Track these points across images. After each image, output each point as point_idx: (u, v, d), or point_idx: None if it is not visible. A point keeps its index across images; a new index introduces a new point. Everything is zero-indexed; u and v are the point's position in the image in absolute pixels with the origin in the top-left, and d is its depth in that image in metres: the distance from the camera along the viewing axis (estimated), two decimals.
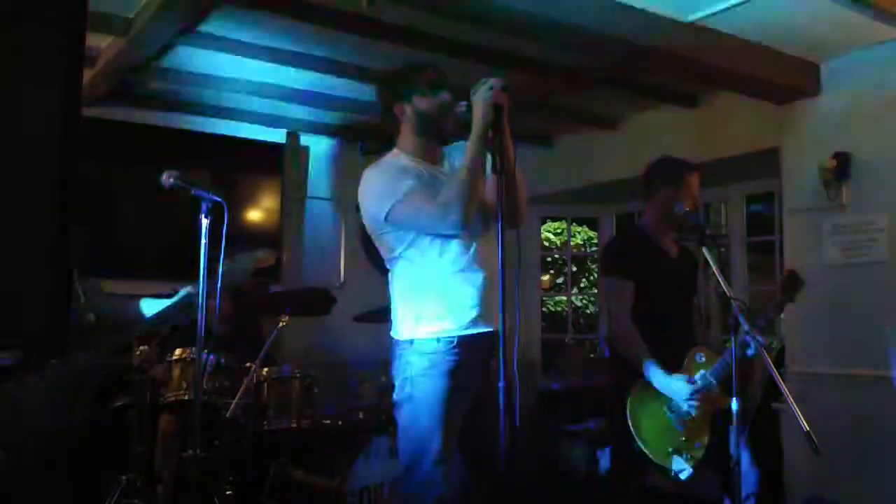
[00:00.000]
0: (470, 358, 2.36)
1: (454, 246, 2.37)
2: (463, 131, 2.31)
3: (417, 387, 2.35)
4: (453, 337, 2.35)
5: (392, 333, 2.48)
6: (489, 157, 2.29)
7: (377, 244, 2.50)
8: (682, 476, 2.88)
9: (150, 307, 2.66)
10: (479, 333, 2.36)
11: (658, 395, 2.94)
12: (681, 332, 3.12)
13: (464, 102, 2.30)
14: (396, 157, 2.48)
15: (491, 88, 2.21)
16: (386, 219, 2.35)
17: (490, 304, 2.38)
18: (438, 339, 2.35)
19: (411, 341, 2.39)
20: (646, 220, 3.28)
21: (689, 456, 2.90)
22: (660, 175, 3.22)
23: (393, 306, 2.49)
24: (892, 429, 3.71)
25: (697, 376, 2.97)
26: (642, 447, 2.90)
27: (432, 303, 2.38)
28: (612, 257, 3.28)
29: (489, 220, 2.37)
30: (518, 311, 2.06)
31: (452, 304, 2.36)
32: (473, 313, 2.36)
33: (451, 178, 2.30)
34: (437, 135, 2.46)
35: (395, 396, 2.45)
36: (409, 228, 2.37)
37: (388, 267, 2.51)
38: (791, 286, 3.10)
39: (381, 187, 2.38)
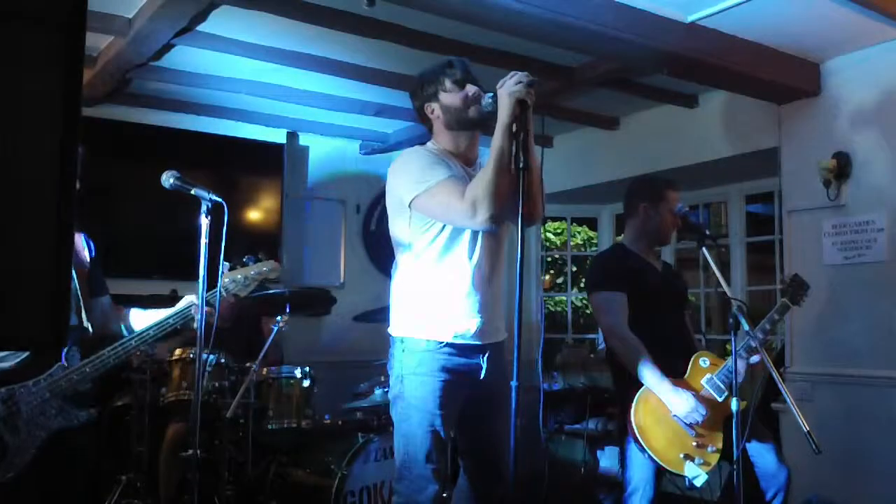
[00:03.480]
0: (462, 357, 2.38)
1: (463, 247, 2.38)
2: (486, 121, 2.31)
3: (408, 385, 2.37)
4: (444, 340, 2.36)
5: (388, 329, 2.49)
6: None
7: (391, 227, 2.50)
8: (698, 483, 2.82)
9: (141, 320, 2.66)
10: (471, 344, 2.38)
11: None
12: (676, 342, 3.11)
13: (490, 94, 2.30)
14: (431, 149, 2.49)
15: (518, 83, 2.21)
16: (410, 204, 2.35)
17: (489, 314, 2.39)
18: (429, 340, 2.36)
19: (403, 339, 2.40)
20: (627, 238, 3.29)
21: (702, 461, 2.86)
22: (637, 192, 3.25)
23: (392, 300, 2.51)
24: (891, 429, 3.71)
25: (704, 380, 2.96)
26: (652, 454, 2.87)
27: (429, 306, 2.39)
28: (599, 272, 3.27)
29: (507, 217, 2.38)
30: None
31: (448, 312, 2.37)
32: (468, 323, 2.37)
33: (480, 174, 2.29)
34: (464, 126, 2.47)
35: (388, 395, 2.47)
36: (433, 218, 2.36)
37: (395, 256, 2.52)
38: (795, 290, 3.07)
39: (415, 170, 2.38)
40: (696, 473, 2.83)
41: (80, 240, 2.67)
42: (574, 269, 9.46)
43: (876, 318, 3.83)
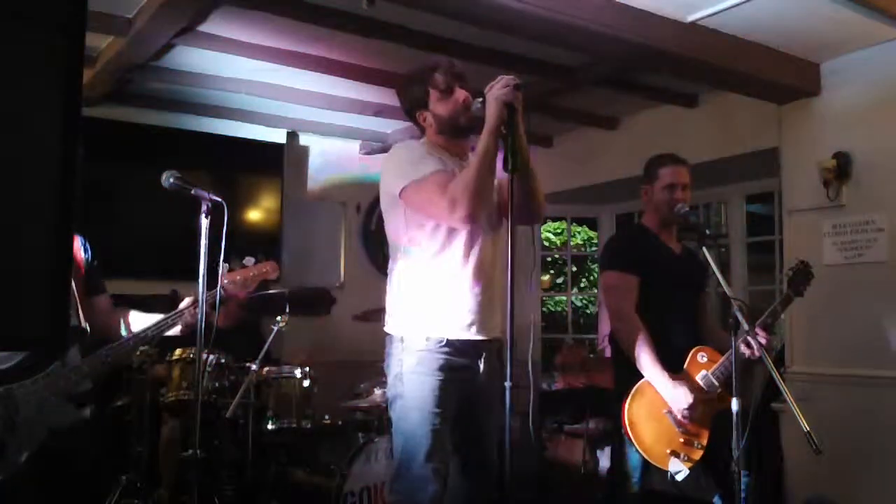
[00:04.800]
0: (460, 357, 2.38)
1: (460, 245, 2.38)
2: (479, 126, 2.32)
3: (407, 384, 2.37)
4: (443, 338, 2.37)
5: (385, 327, 2.49)
6: (502, 155, 2.30)
7: (386, 223, 2.51)
8: (679, 477, 2.87)
9: (139, 322, 2.67)
10: (469, 340, 2.39)
11: (658, 395, 2.92)
12: (683, 330, 3.08)
13: (479, 99, 2.32)
14: (424, 144, 2.51)
15: (506, 86, 2.22)
16: (399, 196, 2.37)
17: (487, 311, 2.40)
18: (428, 338, 2.37)
19: (402, 338, 2.41)
20: (644, 219, 3.27)
21: (686, 457, 2.89)
22: (645, 173, 3.21)
23: (388, 298, 2.51)
24: (892, 429, 3.71)
25: (699, 376, 2.96)
26: (639, 448, 2.89)
27: (427, 304, 2.40)
28: (614, 252, 3.24)
29: (505, 217, 2.38)
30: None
31: (446, 309, 2.38)
32: (467, 320, 2.38)
33: (462, 173, 2.32)
34: (457, 134, 2.50)
35: (387, 394, 2.47)
36: (418, 212, 2.38)
37: (390, 255, 2.52)
38: (800, 279, 3.05)
39: (402, 164, 2.40)
40: (678, 469, 2.86)
41: (77, 240, 2.67)
42: (574, 269, 9.48)
43: (876, 318, 3.83)
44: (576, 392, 5.29)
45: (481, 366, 2.42)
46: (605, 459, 4.88)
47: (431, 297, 2.39)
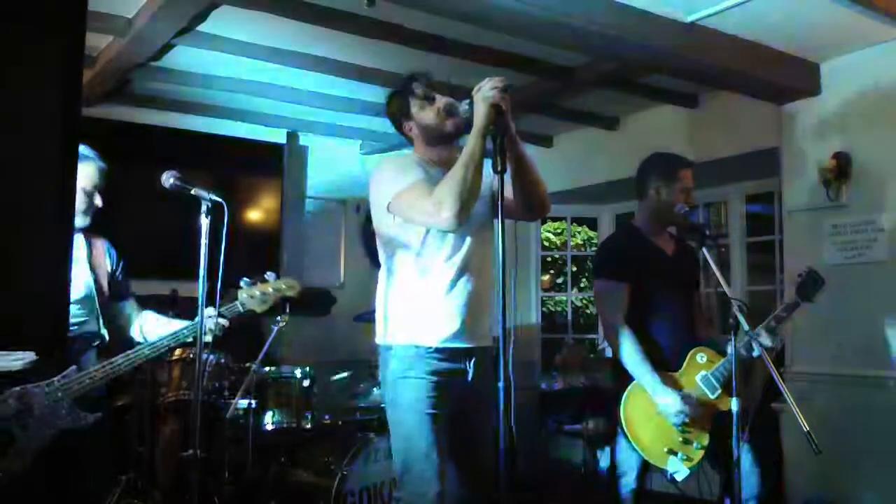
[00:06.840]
0: (449, 362, 2.40)
1: (447, 254, 2.40)
2: (467, 129, 2.32)
3: (399, 390, 2.39)
4: (431, 346, 2.39)
5: (376, 339, 2.51)
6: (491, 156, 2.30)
7: (377, 234, 2.53)
8: (678, 477, 2.86)
9: (153, 324, 2.73)
10: (458, 347, 2.40)
11: None
12: (679, 331, 3.08)
13: (467, 101, 2.32)
14: (411, 156, 2.53)
15: (493, 88, 2.22)
16: (388, 208, 2.38)
17: (475, 319, 2.42)
18: (417, 346, 2.39)
19: (391, 346, 2.43)
20: (638, 219, 3.24)
21: (685, 456, 2.88)
22: (650, 171, 3.18)
23: (377, 309, 2.52)
24: (891, 429, 3.71)
25: (699, 377, 2.96)
26: (637, 447, 2.89)
27: (414, 313, 2.41)
28: (604, 259, 3.24)
29: (505, 215, 2.38)
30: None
31: (433, 318, 2.39)
32: (454, 328, 2.39)
33: (448, 174, 2.31)
34: (444, 140, 2.51)
35: (382, 401, 2.49)
36: (406, 220, 2.39)
37: (380, 264, 2.53)
38: (810, 286, 3.03)
39: (388, 177, 2.42)
40: (677, 468, 2.85)
41: (101, 246, 2.71)
42: (574, 269, 9.47)
43: (876, 318, 3.83)
44: (576, 392, 5.29)
45: (471, 370, 2.43)
46: (605, 459, 4.89)
47: (418, 306, 2.41)
